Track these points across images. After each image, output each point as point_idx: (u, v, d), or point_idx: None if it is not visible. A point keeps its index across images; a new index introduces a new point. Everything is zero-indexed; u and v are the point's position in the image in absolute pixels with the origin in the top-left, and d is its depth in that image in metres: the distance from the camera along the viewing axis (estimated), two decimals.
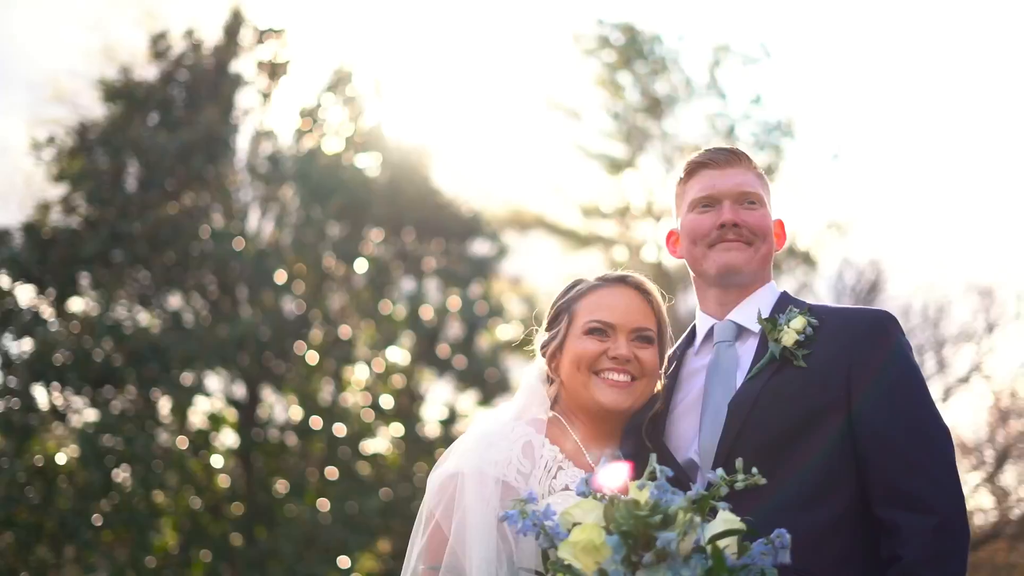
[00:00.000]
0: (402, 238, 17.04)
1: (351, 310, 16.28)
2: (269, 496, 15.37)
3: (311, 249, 15.70)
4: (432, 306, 16.88)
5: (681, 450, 3.70)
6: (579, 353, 3.62)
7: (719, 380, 3.70)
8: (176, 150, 14.76)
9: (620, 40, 24.89)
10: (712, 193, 3.84)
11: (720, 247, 3.80)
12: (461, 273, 17.25)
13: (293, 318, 15.40)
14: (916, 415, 3.52)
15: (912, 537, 3.37)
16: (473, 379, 17.00)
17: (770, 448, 3.46)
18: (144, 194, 14.87)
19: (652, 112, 24.93)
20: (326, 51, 22.81)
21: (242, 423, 15.57)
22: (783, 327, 3.66)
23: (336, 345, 15.75)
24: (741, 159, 3.88)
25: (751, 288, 3.84)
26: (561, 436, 3.60)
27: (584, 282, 3.76)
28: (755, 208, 3.83)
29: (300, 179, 15.62)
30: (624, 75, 24.92)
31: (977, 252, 24.64)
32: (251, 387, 15.59)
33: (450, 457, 3.53)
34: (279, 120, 16.18)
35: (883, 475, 3.45)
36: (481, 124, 32.61)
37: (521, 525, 2.96)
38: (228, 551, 14.74)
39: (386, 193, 16.53)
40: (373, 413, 16.23)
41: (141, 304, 15.01)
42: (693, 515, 2.83)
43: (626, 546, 2.81)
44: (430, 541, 3.43)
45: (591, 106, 25.38)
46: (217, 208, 15.62)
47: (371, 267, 16.43)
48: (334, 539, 14.61)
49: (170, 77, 15.69)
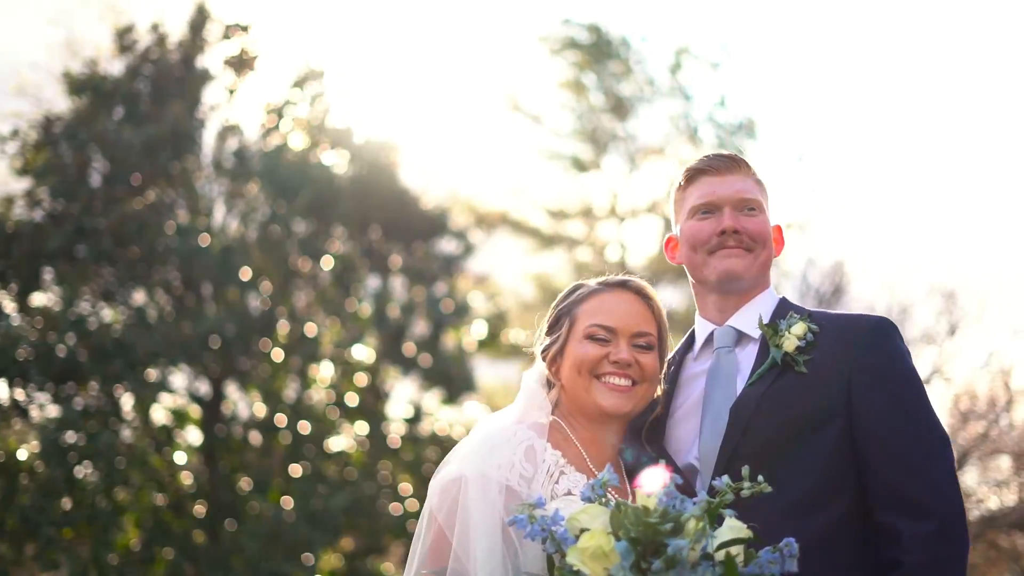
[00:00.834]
0: (368, 236, 17.01)
1: (317, 307, 16.23)
2: (233, 493, 15.31)
3: (277, 246, 15.65)
4: (398, 304, 16.87)
5: (680, 454, 3.73)
6: (580, 357, 3.64)
7: (719, 385, 3.73)
8: (142, 145, 14.66)
9: (586, 41, 24.95)
10: (712, 200, 3.88)
11: (720, 254, 3.83)
12: (427, 271, 17.25)
13: (258, 315, 15.33)
14: (916, 421, 3.57)
15: (912, 542, 3.42)
16: (438, 377, 17.01)
17: (771, 453, 3.51)
18: (109, 189, 14.76)
19: (616, 113, 25.01)
20: (293, 47, 22.70)
21: (206, 420, 15.50)
22: (784, 333, 3.70)
23: (301, 342, 15.70)
24: (741, 166, 3.91)
25: (751, 294, 3.88)
26: (563, 441, 3.61)
27: (585, 286, 3.78)
28: (755, 215, 3.86)
29: (266, 175, 15.56)
30: (589, 76, 24.98)
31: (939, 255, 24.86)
32: (215, 384, 15.52)
33: (452, 461, 3.54)
34: (246, 116, 16.13)
35: (883, 480, 3.50)
36: (447, 123, 32.58)
37: (529, 530, 2.98)
38: (191, 549, 14.66)
39: (353, 190, 16.50)
40: (338, 411, 16.20)
41: (105, 300, 14.89)
42: (705, 523, 2.84)
43: (635, 553, 2.82)
44: (432, 544, 3.44)
45: (555, 107, 25.43)
46: (182, 204, 15.53)
47: (337, 264, 16.40)
48: (298, 537, 14.56)
49: (136, 72, 15.58)
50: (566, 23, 25.25)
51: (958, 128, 31.69)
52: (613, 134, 25.30)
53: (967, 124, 31.50)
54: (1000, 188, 29.13)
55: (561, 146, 25.62)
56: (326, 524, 14.97)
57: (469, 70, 38.08)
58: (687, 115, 25.09)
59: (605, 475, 3.13)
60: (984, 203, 29.12)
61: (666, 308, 3.84)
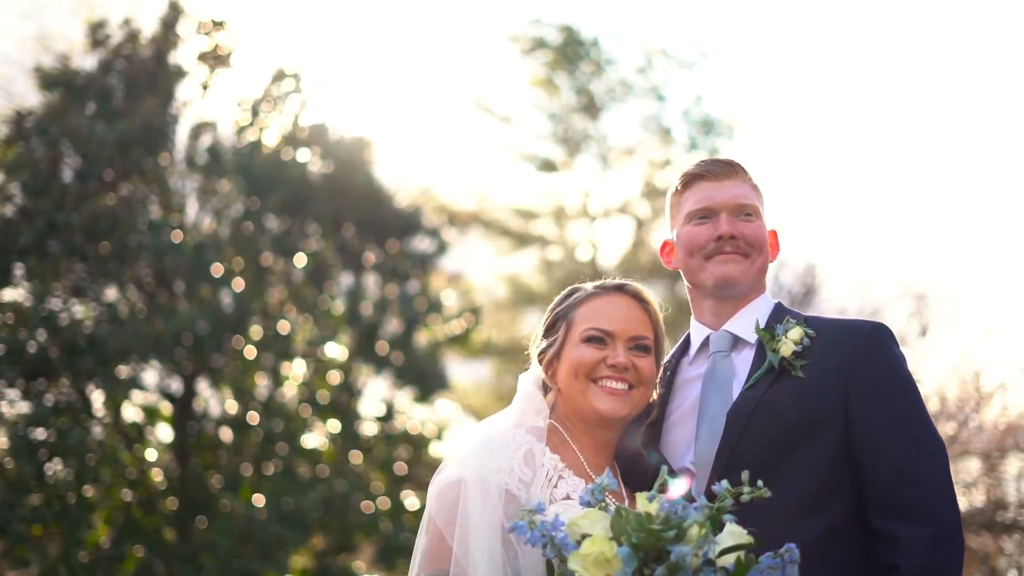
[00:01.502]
0: (342, 233, 16.98)
1: (290, 305, 16.19)
2: (204, 491, 15.25)
3: (250, 243, 15.59)
4: (371, 302, 16.85)
5: (676, 458, 3.75)
6: (577, 361, 3.66)
7: (715, 390, 3.76)
8: (114, 141, 14.57)
9: (556, 41, 24.99)
10: (709, 205, 3.89)
11: (717, 259, 3.85)
12: (400, 269, 17.24)
13: (231, 312, 15.27)
14: (913, 426, 3.60)
15: (910, 547, 3.45)
16: (411, 375, 16.99)
17: (768, 457, 3.54)
18: (81, 185, 14.66)
19: (588, 113, 25.05)
20: (268, 45, 22.63)
21: (177, 417, 15.44)
22: (781, 337, 3.72)
23: (274, 340, 15.66)
24: (737, 171, 3.93)
25: (747, 299, 3.89)
26: (560, 444, 3.63)
27: (582, 290, 3.79)
28: (751, 220, 3.88)
29: (240, 172, 15.51)
30: (560, 76, 25.02)
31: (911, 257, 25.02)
32: (187, 381, 15.45)
33: (450, 464, 3.55)
34: (220, 112, 16.07)
35: (880, 485, 3.53)
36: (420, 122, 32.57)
37: (529, 536, 2.98)
38: (162, 546, 14.60)
39: (327, 188, 16.47)
40: (310, 408, 16.17)
41: (77, 296, 14.79)
42: (707, 530, 2.85)
43: (637, 559, 2.81)
44: (431, 547, 3.45)
45: (527, 106, 25.46)
46: (155, 200, 15.45)
47: (310, 262, 16.36)
48: (270, 535, 14.52)
49: (108, 67, 15.49)
50: (535, 23, 25.30)
51: (930, 130, 31.90)
52: (585, 134, 25.36)
53: (939, 126, 31.72)
54: (971, 190, 29.35)
55: (532, 146, 25.68)
56: (298, 522, 14.93)
57: (442, 69, 38.05)
58: (659, 115, 25.18)
59: (604, 480, 3.14)
60: (955, 205, 29.33)
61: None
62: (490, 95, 26.08)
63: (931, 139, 31.35)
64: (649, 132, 25.34)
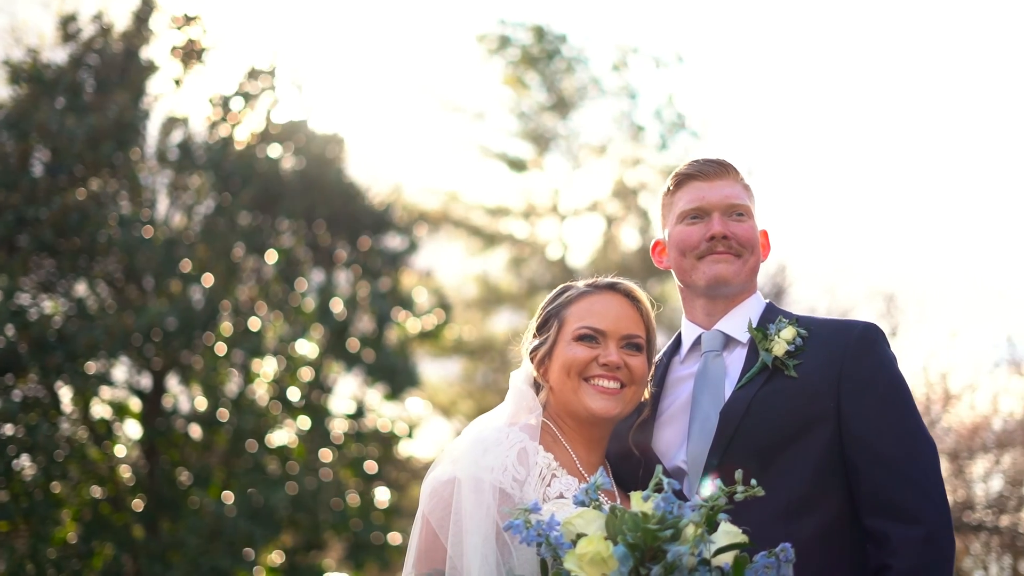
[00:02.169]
0: (313, 230, 16.93)
1: (260, 302, 16.14)
2: (173, 488, 15.18)
3: (221, 239, 15.52)
4: (342, 299, 16.81)
5: (667, 457, 3.77)
6: (569, 359, 3.66)
7: (707, 389, 3.77)
8: (84, 135, 14.47)
9: (524, 40, 25.02)
10: (701, 205, 3.91)
11: (709, 259, 3.87)
12: (372, 266, 17.20)
13: (201, 308, 15.19)
14: (905, 427, 3.63)
15: (901, 547, 3.48)
16: (381, 373, 16.96)
17: (760, 457, 3.56)
18: (51, 179, 14.55)
19: (558, 111, 25.08)
20: (242, 41, 22.55)
21: (146, 414, 15.35)
22: (774, 337, 3.73)
23: (245, 336, 15.60)
24: (729, 171, 3.96)
25: (738, 299, 3.91)
26: (553, 443, 3.63)
27: (574, 288, 3.79)
28: (743, 220, 3.91)
29: (212, 168, 15.44)
30: (530, 74, 25.05)
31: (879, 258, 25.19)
32: (157, 377, 15.37)
33: (443, 462, 3.54)
34: (192, 108, 15.98)
35: (872, 486, 3.55)
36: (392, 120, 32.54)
37: (525, 535, 2.98)
38: (130, 543, 14.52)
39: (299, 185, 16.41)
40: (280, 405, 16.12)
41: (46, 291, 14.69)
42: (704, 530, 2.85)
43: (633, 559, 2.80)
44: (424, 546, 3.45)
45: (496, 105, 25.47)
46: (125, 196, 15.35)
47: (281, 258, 16.31)
48: (239, 532, 14.47)
49: (79, 61, 15.38)
50: (502, 23, 25.31)
51: (898, 132, 32.10)
52: (554, 132, 25.40)
53: (908, 128, 31.94)
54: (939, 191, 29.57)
55: (502, 144, 25.71)
56: (267, 519, 14.89)
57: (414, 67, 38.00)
58: (631, 114, 25.23)
59: (598, 479, 3.15)
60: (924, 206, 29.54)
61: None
62: (461, 93, 26.11)
63: (899, 141, 31.56)
64: (620, 131, 25.40)
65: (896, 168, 30.70)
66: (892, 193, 29.88)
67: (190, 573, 14.25)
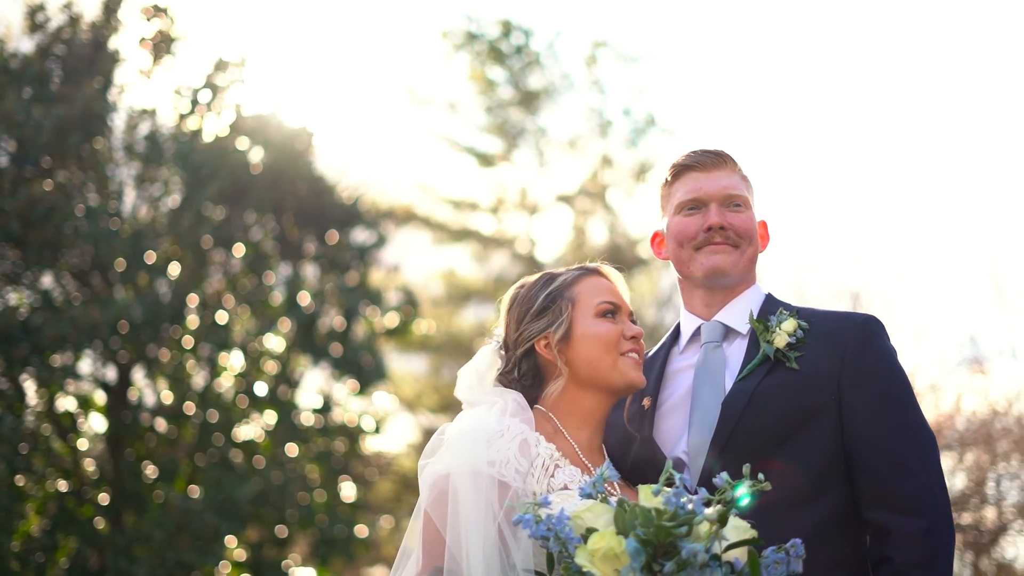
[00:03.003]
0: (282, 224, 16.86)
1: (228, 295, 16.06)
2: (138, 482, 15.10)
3: (189, 232, 15.45)
4: (310, 293, 16.76)
5: (668, 448, 3.78)
6: (605, 335, 3.66)
7: (707, 380, 3.78)
8: (51, 126, 14.36)
9: (493, 35, 25.03)
10: (699, 196, 3.92)
11: (707, 250, 3.88)
12: (340, 260, 17.15)
13: (168, 301, 15.11)
14: (906, 419, 3.65)
15: (903, 539, 3.49)
16: (349, 367, 16.92)
17: (761, 448, 3.56)
18: (17, 170, 14.44)
19: (526, 107, 25.09)
20: (211, 33, 22.40)
21: (111, 407, 15.26)
22: (775, 329, 3.73)
23: (212, 330, 15.53)
24: (727, 161, 3.95)
25: (737, 290, 3.91)
26: (554, 433, 3.60)
27: (566, 272, 3.79)
28: (741, 211, 3.90)
29: (180, 160, 15.34)
30: (497, 70, 25.06)
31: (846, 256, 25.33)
32: (123, 370, 15.28)
33: (443, 454, 3.49)
34: (160, 100, 15.88)
35: (874, 478, 3.57)
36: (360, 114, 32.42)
37: (534, 530, 2.95)
38: (95, 537, 14.44)
39: (267, 178, 16.34)
40: (247, 399, 16.06)
41: (11, 283, 14.58)
42: (718, 526, 2.85)
43: (646, 554, 2.79)
44: (425, 542, 3.41)
45: (465, 99, 25.47)
46: (92, 187, 15.24)
47: (249, 252, 16.24)
48: (205, 526, 14.41)
49: (47, 51, 15.25)
50: (469, 19, 25.31)
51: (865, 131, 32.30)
52: (523, 128, 25.41)
53: (874, 127, 32.13)
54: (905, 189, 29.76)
55: (471, 139, 25.71)
56: (233, 514, 14.84)
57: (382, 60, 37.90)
58: (601, 109, 25.28)
59: (605, 471, 3.13)
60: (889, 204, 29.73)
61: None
62: (430, 86, 26.08)
63: (866, 140, 31.75)
64: (590, 126, 25.45)
65: (863, 167, 30.89)
66: (859, 192, 30.06)
67: (155, 567, 14.18)
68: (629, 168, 25.09)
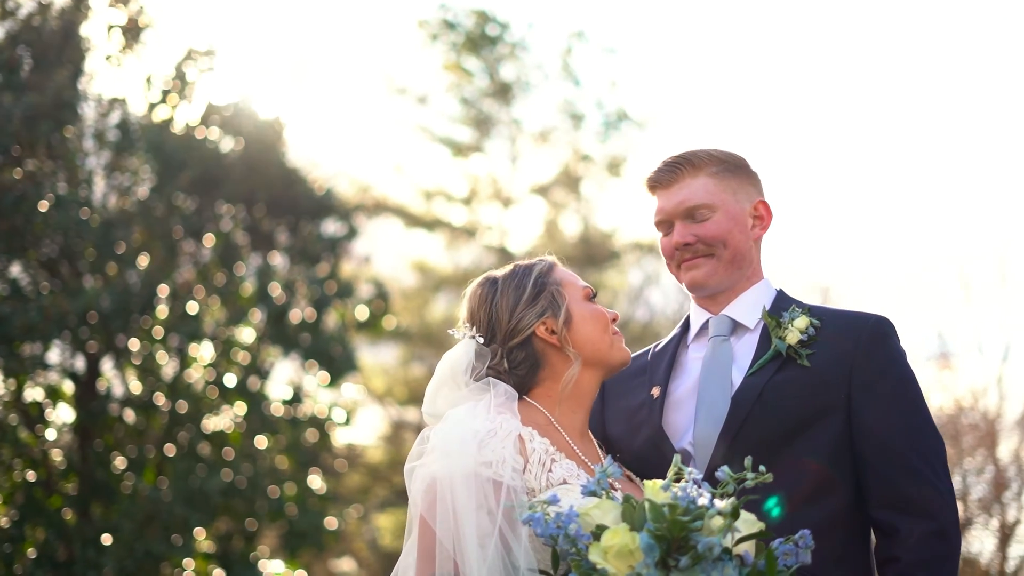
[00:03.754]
0: (253, 214, 16.80)
1: (199, 285, 15.99)
2: (107, 472, 15.03)
3: (160, 222, 15.37)
4: (280, 283, 16.71)
5: (674, 439, 3.76)
6: (599, 315, 3.71)
7: (714, 373, 3.78)
8: (22, 114, 14.24)
9: (468, 25, 24.99)
10: (663, 217, 3.94)
11: (684, 266, 3.91)
12: (311, 251, 17.11)
13: (138, 291, 15.03)
14: (915, 421, 3.66)
15: (911, 540, 3.51)
16: (319, 358, 16.89)
17: (770, 444, 3.56)
18: None
19: (500, 97, 25.07)
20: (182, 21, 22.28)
21: (80, 397, 15.17)
22: (787, 325, 3.73)
23: (182, 320, 15.45)
24: (683, 171, 3.91)
25: (736, 288, 3.91)
26: (547, 427, 3.57)
27: (539, 261, 3.79)
28: (707, 217, 3.86)
29: (151, 150, 15.25)
30: (472, 60, 25.03)
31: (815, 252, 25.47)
32: (92, 360, 15.20)
33: (434, 458, 3.42)
34: (131, 89, 15.76)
35: (882, 478, 3.58)
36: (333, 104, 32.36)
37: (543, 529, 2.92)
38: (63, 527, 14.36)
39: (239, 168, 16.27)
40: (217, 390, 16.00)
41: None
42: (730, 520, 2.84)
43: (660, 549, 2.78)
44: (422, 548, 3.36)
45: (438, 90, 25.42)
46: (62, 176, 15.12)
47: (220, 242, 16.18)
48: (174, 517, 14.36)
49: (16, 38, 15.12)
50: (443, 8, 25.25)
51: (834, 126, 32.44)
52: (496, 119, 25.39)
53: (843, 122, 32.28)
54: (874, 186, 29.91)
55: (444, 129, 25.66)
56: (203, 505, 14.79)
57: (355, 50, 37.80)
58: (574, 101, 25.27)
59: (608, 467, 3.11)
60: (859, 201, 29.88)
61: None
62: (405, 76, 26.04)
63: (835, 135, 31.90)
64: (563, 118, 25.44)
65: (833, 164, 31.04)
66: (829, 188, 30.22)
67: (124, 558, 14.12)
68: (602, 161, 25.12)
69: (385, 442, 25.51)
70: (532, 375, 3.67)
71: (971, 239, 25.27)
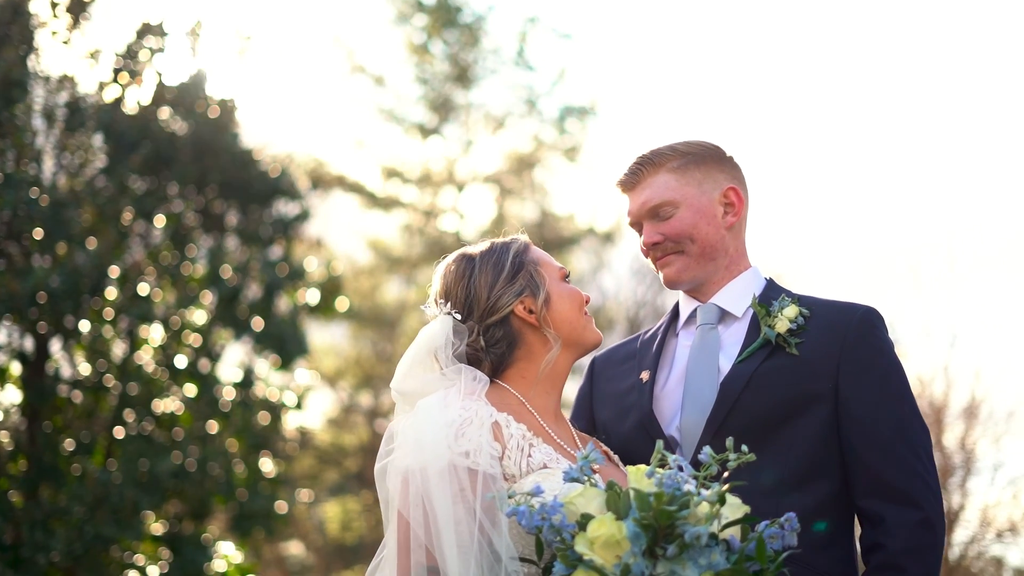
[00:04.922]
0: (205, 196, 16.65)
1: (150, 266, 15.85)
2: (55, 455, 14.88)
3: (110, 202, 15.20)
4: (232, 265, 16.58)
5: (662, 424, 3.80)
6: (576, 296, 3.72)
7: (702, 361, 3.81)
8: None
9: (430, 5, 24.90)
10: (632, 219, 4.00)
11: (658, 265, 3.93)
12: (263, 233, 16.99)
13: (88, 272, 14.86)
14: (901, 411, 3.71)
15: (896, 528, 3.56)
16: (271, 341, 16.80)
17: (757, 431, 3.60)
18: None
19: (459, 81, 25.04)
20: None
21: (28, 378, 15.01)
22: (777, 314, 3.76)
23: (133, 302, 15.31)
24: (643, 172, 3.94)
25: (717, 280, 3.92)
26: (520, 410, 3.54)
27: (513, 240, 3.78)
28: (671, 214, 3.89)
29: (102, 129, 15.09)
30: (434, 43, 24.96)
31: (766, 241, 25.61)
32: (41, 341, 15.03)
33: (407, 450, 3.37)
34: (81, 67, 15.54)
35: (869, 467, 3.62)
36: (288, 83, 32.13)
37: (528, 520, 2.90)
38: (10, 510, 14.22)
39: (191, 149, 16.11)
40: (167, 372, 15.88)
41: None
42: (718, 506, 2.84)
43: (647, 538, 2.77)
44: (401, 543, 3.32)
45: (398, 71, 25.34)
46: (11, 155, 14.92)
47: (171, 224, 16.04)
48: (124, 500, 14.26)
49: None
50: None
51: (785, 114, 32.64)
52: (454, 102, 25.35)
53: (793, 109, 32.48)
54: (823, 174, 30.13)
55: (400, 110, 25.59)
56: (153, 487, 14.70)
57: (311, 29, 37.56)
58: (530, 86, 25.29)
59: (589, 453, 3.09)
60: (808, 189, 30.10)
61: None
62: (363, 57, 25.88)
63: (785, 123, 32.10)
64: (519, 103, 25.44)
65: (783, 152, 31.23)
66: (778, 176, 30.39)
67: (73, 541, 14.01)
68: (557, 147, 25.14)
69: (335, 426, 25.44)
70: (508, 354, 3.65)
71: (919, 227, 25.52)
